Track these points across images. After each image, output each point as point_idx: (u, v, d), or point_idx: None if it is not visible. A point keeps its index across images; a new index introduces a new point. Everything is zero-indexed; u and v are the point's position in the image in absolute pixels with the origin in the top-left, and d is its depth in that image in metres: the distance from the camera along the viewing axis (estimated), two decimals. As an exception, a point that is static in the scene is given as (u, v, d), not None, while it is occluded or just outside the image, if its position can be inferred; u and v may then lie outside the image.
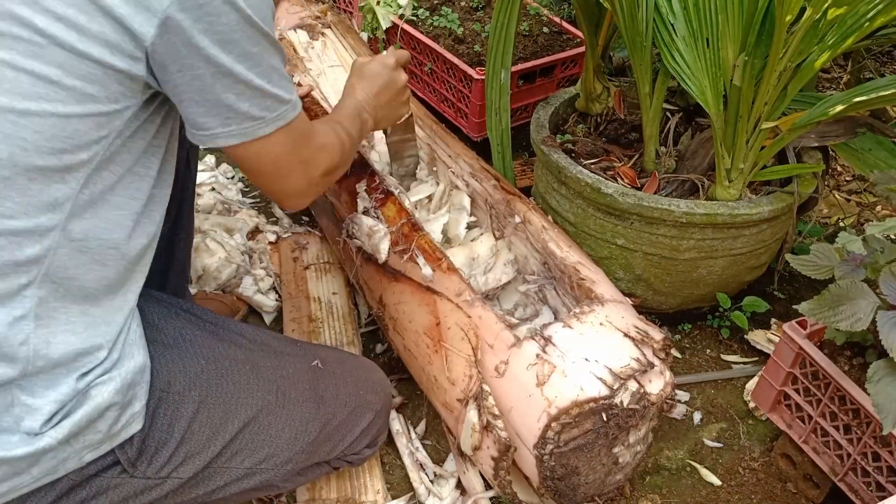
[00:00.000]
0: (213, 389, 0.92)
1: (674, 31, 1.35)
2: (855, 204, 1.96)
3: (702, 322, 1.56)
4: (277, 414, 0.97)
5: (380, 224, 1.29)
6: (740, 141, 1.31)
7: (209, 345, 0.96)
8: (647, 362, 1.04)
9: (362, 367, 1.15)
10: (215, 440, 0.92)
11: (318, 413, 1.02)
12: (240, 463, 0.95)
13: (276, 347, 1.05)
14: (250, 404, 0.95)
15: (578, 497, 1.07)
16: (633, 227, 1.35)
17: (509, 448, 1.02)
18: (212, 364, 0.94)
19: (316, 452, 1.03)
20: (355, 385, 1.09)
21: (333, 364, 1.09)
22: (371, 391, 1.10)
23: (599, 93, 1.60)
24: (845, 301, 1.00)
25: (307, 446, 1.01)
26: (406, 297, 1.21)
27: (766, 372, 1.20)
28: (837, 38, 1.19)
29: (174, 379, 0.89)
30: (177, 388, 0.89)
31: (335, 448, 1.06)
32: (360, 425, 1.08)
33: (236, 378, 0.95)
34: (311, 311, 1.50)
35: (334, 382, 1.06)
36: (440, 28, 2.00)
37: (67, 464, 0.80)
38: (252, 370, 0.98)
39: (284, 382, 1.00)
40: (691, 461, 1.30)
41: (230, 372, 0.95)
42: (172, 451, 0.88)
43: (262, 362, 1.00)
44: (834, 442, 1.11)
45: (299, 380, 1.02)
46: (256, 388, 0.96)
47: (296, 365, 1.03)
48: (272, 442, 0.97)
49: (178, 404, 0.89)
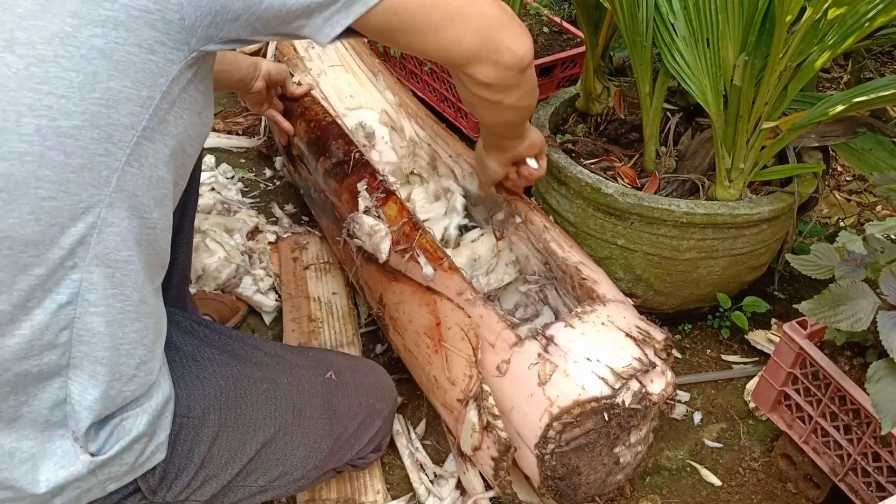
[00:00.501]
0: (232, 412, 0.91)
1: (674, 31, 1.35)
2: (855, 204, 1.96)
3: (702, 322, 1.56)
4: (293, 433, 0.97)
5: (381, 223, 1.29)
6: (740, 141, 1.31)
7: (226, 363, 0.94)
8: (648, 362, 1.04)
9: (372, 373, 1.14)
10: (233, 463, 0.91)
11: (331, 429, 1.02)
12: (254, 482, 0.95)
13: (292, 360, 1.04)
14: (268, 426, 0.94)
15: (579, 497, 1.07)
16: (634, 227, 1.35)
17: (509, 448, 1.02)
18: (230, 385, 0.92)
19: (326, 465, 1.04)
20: (367, 395, 1.08)
21: (346, 374, 1.09)
22: (380, 399, 1.11)
23: (599, 93, 1.60)
24: (845, 301, 1.00)
25: (320, 462, 1.01)
26: (406, 297, 1.21)
27: (767, 372, 1.20)
28: (837, 38, 1.19)
29: (194, 403, 0.88)
30: (196, 413, 0.88)
31: (344, 457, 1.07)
32: (368, 434, 1.08)
33: (254, 399, 0.94)
34: (310, 312, 1.50)
35: (346, 394, 1.06)
36: (440, 28, 2.00)
37: (91, 493, 0.79)
38: (269, 388, 0.97)
39: (300, 399, 0.99)
40: (691, 461, 1.30)
41: (248, 392, 0.94)
42: (192, 475, 0.87)
43: (279, 378, 0.99)
44: (834, 442, 1.11)
45: (314, 394, 1.02)
46: (274, 409, 0.95)
47: (311, 379, 1.03)
48: (287, 461, 0.97)
49: (198, 429, 0.88)
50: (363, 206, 1.33)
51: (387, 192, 1.34)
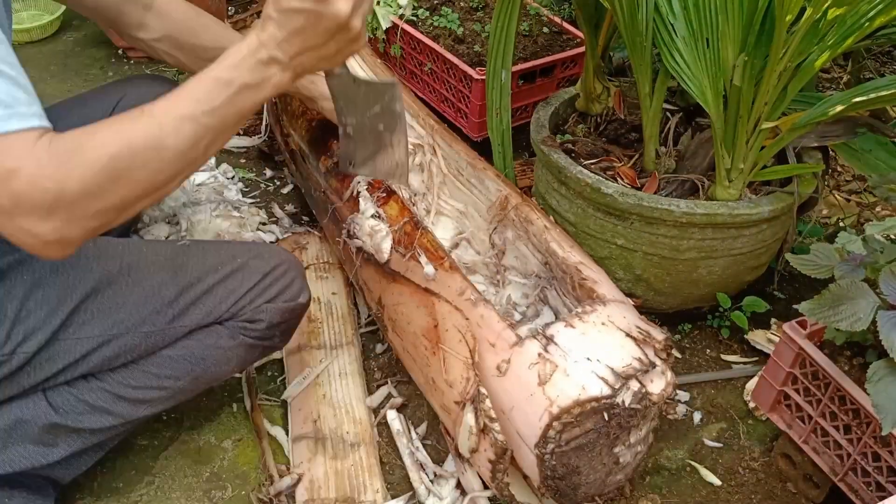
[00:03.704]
0: (46, 271, 0.96)
1: (674, 31, 1.35)
2: (855, 204, 1.96)
3: (702, 322, 1.56)
4: (121, 284, 1.01)
5: (381, 223, 1.29)
6: (740, 141, 1.31)
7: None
8: (648, 362, 1.04)
9: (255, 245, 1.17)
10: (55, 315, 0.96)
11: (174, 280, 1.04)
12: (89, 332, 0.99)
13: (140, 242, 1.12)
14: (90, 278, 0.99)
15: (579, 497, 1.07)
16: (633, 227, 1.35)
17: (506, 451, 1.02)
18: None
19: (185, 314, 1.05)
20: (231, 253, 1.10)
21: (210, 244, 1.13)
22: (259, 257, 1.11)
23: (599, 93, 1.60)
24: (845, 301, 1.00)
25: (164, 306, 1.03)
26: (405, 298, 1.21)
27: (766, 372, 1.20)
28: (837, 38, 1.19)
29: (9, 263, 0.94)
30: (11, 271, 0.95)
31: (215, 310, 1.07)
32: (245, 286, 1.08)
33: (73, 261, 0.97)
34: (310, 311, 1.50)
35: (202, 253, 1.08)
36: (440, 28, 2.00)
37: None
38: (94, 251, 1.01)
39: (132, 257, 1.03)
40: (691, 461, 1.30)
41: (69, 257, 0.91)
42: (9, 329, 0.94)
43: (109, 247, 1.03)
44: (834, 442, 1.11)
45: (154, 253, 1.05)
46: (95, 266, 1.00)
47: (154, 246, 1.07)
48: (120, 308, 1.00)
49: (11, 287, 0.95)
50: (363, 205, 1.33)
51: (387, 192, 1.34)
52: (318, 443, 1.26)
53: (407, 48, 2.02)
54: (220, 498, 1.21)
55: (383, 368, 1.43)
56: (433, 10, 2.10)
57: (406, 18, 2.02)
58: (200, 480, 1.24)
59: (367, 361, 1.45)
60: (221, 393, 1.39)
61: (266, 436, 1.30)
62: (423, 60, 1.97)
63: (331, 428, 1.28)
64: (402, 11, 2.04)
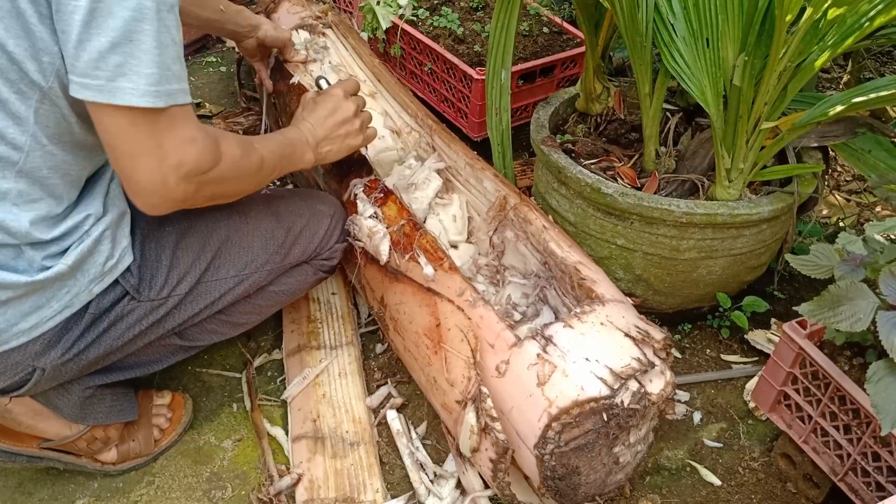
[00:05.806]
0: (187, 223, 1.12)
1: (674, 31, 1.35)
2: (855, 204, 1.96)
3: (702, 322, 1.56)
4: (245, 231, 1.18)
5: (380, 225, 1.29)
6: (740, 141, 1.31)
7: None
8: (647, 362, 1.04)
9: (310, 191, 1.36)
10: (200, 260, 1.12)
11: (279, 223, 1.22)
12: (227, 273, 1.15)
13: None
14: (221, 226, 1.15)
15: (579, 497, 1.07)
16: (633, 227, 1.35)
17: (507, 450, 1.02)
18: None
19: (290, 253, 1.23)
20: (304, 201, 1.29)
21: (283, 191, 1.35)
22: (320, 202, 1.30)
23: (599, 93, 1.60)
24: (845, 301, 1.00)
25: (279, 248, 1.21)
26: (407, 297, 1.21)
27: (766, 372, 1.20)
28: (837, 38, 1.19)
29: (152, 219, 1.05)
30: (154, 225, 1.09)
31: (307, 249, 1.25)
32: (321, 228, 1.27)
33: (203, 212, 1.12)
34: (310, 312, 1.50)
35: (286, 201, 1.27)
36: (440, 28, 2.00)
37: (80, 297, 0.99)
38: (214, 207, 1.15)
39: (243, 207, 1.19)
40: (691, 461, 1.30)
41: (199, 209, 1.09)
42: (166, 274, 1.08)
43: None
44: (834, 442, 1.11)
45: (254, 202, 1.22)
46: (221, 216, 1.16)
47: (250, 196, 1.20)
48: (248, 251, 1.17)
49: (160, 238, 1.09)
50: (361, 207, 1.33)
51: (385, 192, 1.34)
52: (317, 442, 1.26)
53: (407, 48, 2.02)
54: (220, 498, 1.21)
55: (383, 368, 1.44)
56: (433, 10, 2.10)
57: (406, 18, 2.02)
58: (200, 480, 1.24)
59: (366, 361, 1.45)
60: (221, 393, 1.39)
61: (266, 436, 1.30)
62: (423, 60, 1.97)
63: (330, 428, 1.28)
64: (402, 11, 2.04)
